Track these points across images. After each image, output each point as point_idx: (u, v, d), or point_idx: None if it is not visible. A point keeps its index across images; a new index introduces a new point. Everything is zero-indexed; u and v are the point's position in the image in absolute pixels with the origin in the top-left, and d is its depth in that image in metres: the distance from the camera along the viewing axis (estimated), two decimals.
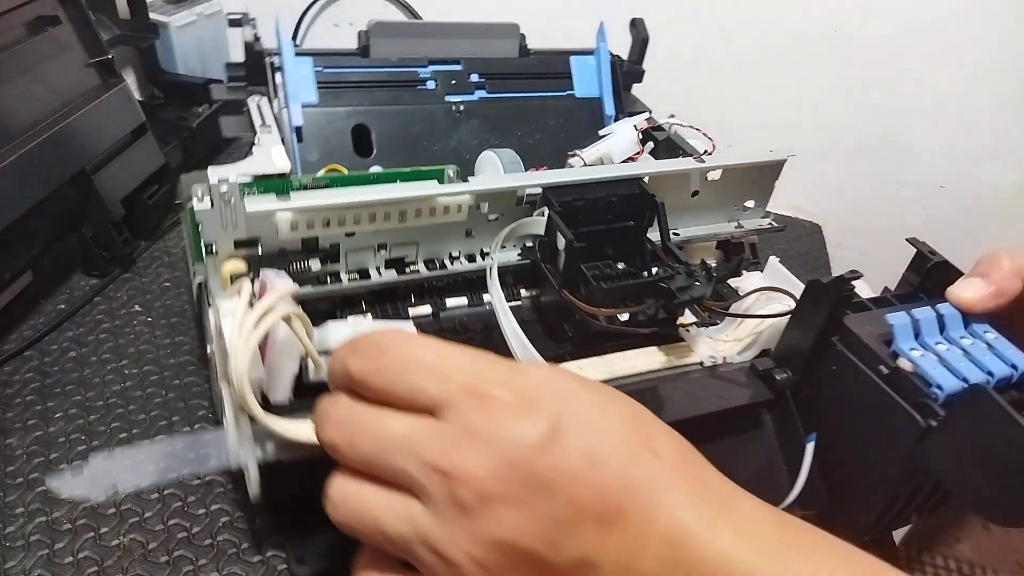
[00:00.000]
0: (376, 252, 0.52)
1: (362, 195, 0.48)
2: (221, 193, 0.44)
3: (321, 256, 0.50)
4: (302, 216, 0.46)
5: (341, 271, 0.52)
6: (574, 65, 0.71)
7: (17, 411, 0.58)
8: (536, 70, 0.69)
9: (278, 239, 0.48)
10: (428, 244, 0.53)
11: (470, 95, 0.65)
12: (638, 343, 0.53)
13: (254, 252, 0.48)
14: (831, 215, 0.94)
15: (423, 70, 0.65)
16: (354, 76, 0.64)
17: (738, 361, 0.53)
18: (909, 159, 0.91)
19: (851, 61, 0.87)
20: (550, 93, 0.70)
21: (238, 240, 0.47)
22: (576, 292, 0.51)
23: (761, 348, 0.53)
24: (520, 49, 0.68)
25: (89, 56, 0.72)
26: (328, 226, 0.48)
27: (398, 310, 0.53)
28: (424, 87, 0.64)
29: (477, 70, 0.66)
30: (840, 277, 0.44)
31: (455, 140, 0.65)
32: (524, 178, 0.54)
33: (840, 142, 0.93)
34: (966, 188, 0.89)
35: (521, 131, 0.67)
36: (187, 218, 0.48)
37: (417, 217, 0.50)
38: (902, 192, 0.90)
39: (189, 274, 0.58)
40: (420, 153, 0.63)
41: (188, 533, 0.50)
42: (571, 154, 0.65)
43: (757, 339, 0.53)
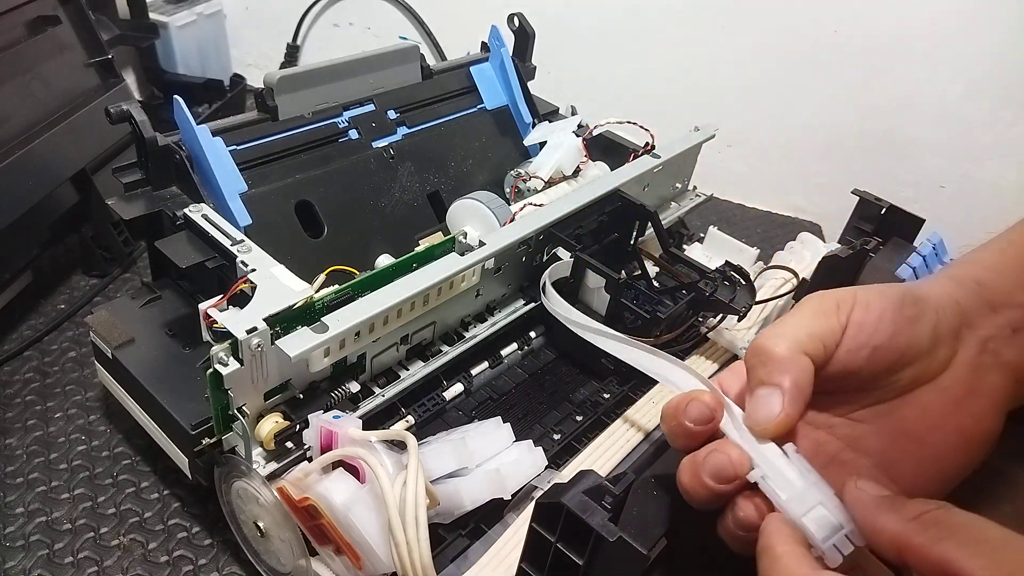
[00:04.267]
0: (399, 347, 0.49)
1: (395, 295, 0.43)
2: (252, 347, 0.38)
3: (353, 373, 0.46)
4: (336, 339, 0.41)
5: (367, 381, 0.48)
6: (476, 76, 0.70)
7: (17, 411, 0.58)
8: (444, 91, 0.67)
9: (310, 373, 0.44)
10: (443, 319, 0.51)
11: (394, 135, 0.62)
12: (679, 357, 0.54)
13: (287, 397, 0.43)
14: (831, 215, 0.94)
15: (340, 120, 0.59)
16: (274, 146, 0.55)
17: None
18: (909, 159, 0.91)
19: (851, 61, 0.87)
20: (463, 112, 0.67)
21: (268, 391, 0.42)
22: (617, 325, 0.50)
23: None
24: (423, 71, 0.65)
25: (89, 56, 0.72)
26: (358, 337, 0.43)
27: (436, 401, 0.49)
28: (347, 138, 0.59)
29: (391, 106, 0.62)
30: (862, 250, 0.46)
31: (398, 189, 0.61)
32: (530, 222, 0.51)
33: (840, 142, 0.93)
34: (966, 188, 0.89)
35: (453, 160, 0.65)
36: (208, 385, 0.40)
37: (439, 296, 0.47)
38: (902, 192, 0.90)
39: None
40: (370, 214, 0.59)
41: (188, 533, 0.50)
42: (524, 176, 0.64)
43: (767, 319, 0.55)
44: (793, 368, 0.30)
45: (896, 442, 0.32)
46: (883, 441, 0.32)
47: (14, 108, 0.63)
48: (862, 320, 0.31)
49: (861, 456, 0.33)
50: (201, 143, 0.51)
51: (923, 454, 0.31)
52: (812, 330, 0.30)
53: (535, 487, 0.44)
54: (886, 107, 0.90)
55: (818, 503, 0.29)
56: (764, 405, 0.30)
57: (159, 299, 0.53)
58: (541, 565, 0.33)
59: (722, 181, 0.81)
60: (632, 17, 0.94)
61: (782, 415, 0.30)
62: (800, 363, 0.30)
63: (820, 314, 0.31)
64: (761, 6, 0.89)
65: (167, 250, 0.47)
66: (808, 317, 0.31)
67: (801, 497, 0.29)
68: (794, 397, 0.30)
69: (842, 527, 0.28)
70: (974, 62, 0.84)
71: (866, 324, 0.31)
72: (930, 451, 0.31)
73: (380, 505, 0.37)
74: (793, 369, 0.30)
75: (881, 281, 0.51)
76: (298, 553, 0.41)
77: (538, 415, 0.51)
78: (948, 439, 0.31)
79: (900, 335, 0.31)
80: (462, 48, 0.73)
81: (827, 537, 0.28)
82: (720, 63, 0.94)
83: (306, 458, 0.42)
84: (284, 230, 0.54)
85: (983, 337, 0.32)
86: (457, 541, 0.42)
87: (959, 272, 0.34)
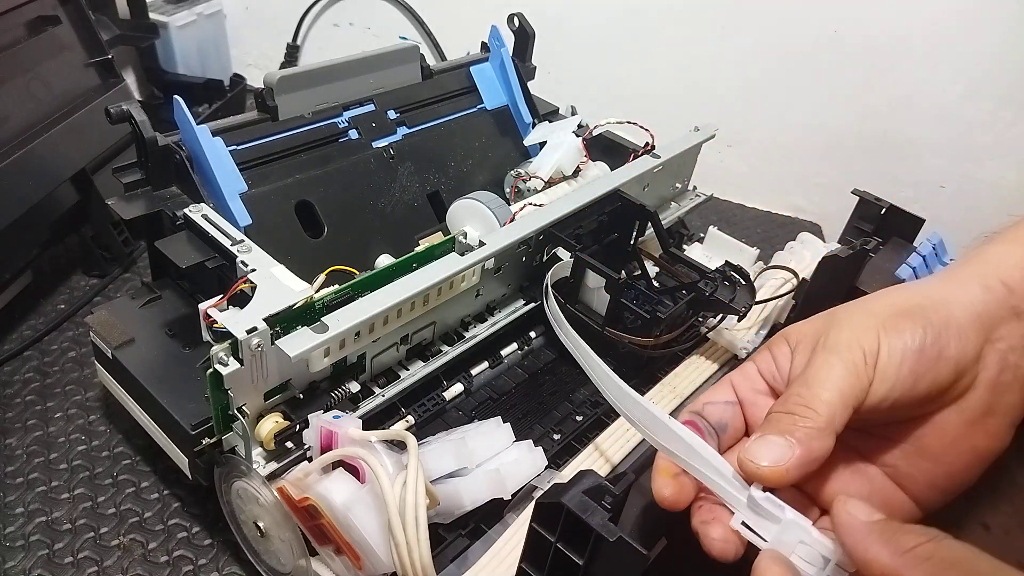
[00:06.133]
0: (399, 347, 0.49)
1: (395, 295, 0.43)
2: (252, 347, 0.38)
3: (352, 373, 0.46)
4: (336, 339, 0.41)
5: (367, 380, 0.48)
6: (476, 76, 0.69)
7: (17, 411, 0.58)
8: (444, 91, 0.66)
9: (310, 373, 0.44)
10: (443, 319, 0.51)
11: (394, 135, 0.62)
12: (678, 358, 0.54)
13: (287, 397, 0.43)
14: (831, 215, 0.94)
15: (340, 120, 0.59)
16: (274, 146, 0.55)
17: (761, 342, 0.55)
18: (909, 159, 0.91)
19: (851, 61, 0.87)
20: (463, 112, 0.67)
21: (268, 391, 0.42)
22: (617, 325, 0.50)
23: (771, 326, 0.55)
24: (423, 71, 0.65)
25: (89, 56, 0.72)
26: (358, 337, 0.43)
27: (436, 401, 0.49)
28: (347, 138, 0.59)
29: (391, 106, 0.62)
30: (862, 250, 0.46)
31: (398, 189, 0.61)
32: (530, 222, 0.51)
33: (840, 142, 0.93)
34: (966, 188, 0.89)
35: (453, 160, 0.65)
36: (208, 385, 0.40)
37: (439, 296, 0.47)
38: (902, 192, 0.90)
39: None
40: (370, 214, 0.58)
41: (188, 533, 0.50)
42: (524, 176, 0.64)
43: (767, 319, 0.55)
44: (819, 441, 0.29)
45: (910, 459, 0.32)
46: (896, 457, 0.33)
47: (14, 108, 0.63)
48: (885, 370, 0.31)
49: (873, 466, 0.33)
50: (201, 143, 0.51)
51: (937, 471, 0.32)
52: (846, 400, 0.30)
53: (535, 487, 0.44)
54: (886, 107, 0.90)
55: (799, 541, 0.28)
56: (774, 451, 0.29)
57: (159, 299, 0.53)
58: (541, 565, 0.33)
59: (722, 181, 0.81)
60: (632, 17, 0.94)
61: (783, 471, 0.29)
62: (826, 442, 0.29)
63: (852, 372, 0.30)
64: (761, 6, 0.89)
65: (167, 250, 0.47)
66: (841, 376, 0.30)
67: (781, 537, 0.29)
68: (805, 465, 0.29)
69: (829, 559, 0.28)
70: (974, 62, 0.84)
71: (889, 375, 0.30)
72: (944, 468, 0.32)
73: (380, 505, 0.37)
74: (818, 442, 0.29)
75: (881, 281, 0.51)
76: (298, 553, 0.41)
77: (538, 415, 0.51)
78: (962, 458, 0.32)
79: (922, 381, 0.31)
80: (462, 48, 0.73)
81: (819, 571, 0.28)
82: (720, 63, 0.94)
83: (306, 458, 0.42)
84: (284, 230, 0.54)
85: (1003, 351, 0.32)
86: (457, 541, 0.42)
87: (987, 273, 0.33)
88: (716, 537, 0.30)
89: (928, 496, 0.32)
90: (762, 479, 0.29)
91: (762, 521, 0.29)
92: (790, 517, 0.29)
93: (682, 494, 0.32)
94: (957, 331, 0.31)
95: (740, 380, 0.35)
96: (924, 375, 0.30)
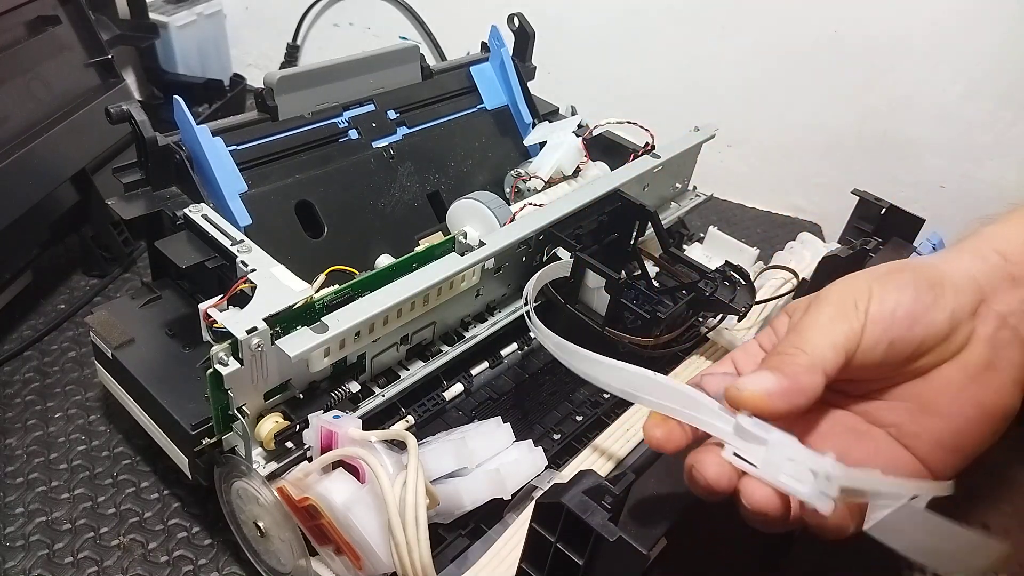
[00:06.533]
0: (399, 347, 0.49)
1: (395, 295, 0.43)
2: (252, 347, 0.38)
3: (352, 373, 0.46)
4: (336, 339, 0.41)
5: (367, 380, 0.48)
6: (476, 77, 0.69)
7: (17, 411, 0.58)
8: (444, 91, 0.66)
9: (310, 373, 0.43)
10: (443, 319, 0.51)
11: (394, 135, 0.62)
12: (678, 357, 0.54)
13: (287, 397, 0.43)
14: (831, 215, 0.94)
15: (340, 120, 0.59)
16: (274, 146, 0.55)
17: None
18: (909, 159, 0.91)
19: (851, 61, 0.87)
20: (463, 112, 0.67)
21: (268, 391, 0.42)
22: (617, 325, 0.50)
23: None
24: (423, 71, 0.65)
25: (89, 56, 0.72)
26: (358, 337, 0.43)
27: (436, 401, 0.49)
28: (347, 138, 0.59)
29: (391, 106, 0.62)
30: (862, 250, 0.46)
31: (398, 189, 0.61)
32: (530, 222, 0.51)
33: (840, 142, 0.93)
34: (966, 188, 0.89)
35: (453, 160, 0.65)
36: (208, 385, 0.40)
37: (439, 296, 0.47)
38: (902, 192, 0.90)
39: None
40: (370, 214, 0.58)
41: (188, 533, 0.50)
42: (524, 176, 0.64)
43: (767, 319, 0.55)
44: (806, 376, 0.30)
45: (914, 417, 0.32)
46: (900, 416, 0.32)
47: (14, 108, 0.63)
48: (877, 315, 0.31)
49: (876, 427, 0.33)
50: (201, 143, 0.51)
51: (942, 427, 0.31)
52: (836, 340, 0.30)
53: (535, 487, 0.44)
54: (886, 107, 0.90)
55: (787, 459, 0.28)
56: (760, 380, 0.30)
57: (159, 299, 0.53)
58: (541, 565, 0.33)
59: (722, 181, 0.81)
60: (632, 17, 0.94)
61: (765, 395, 0.29)
62: (814, 378, 0.30)
63: (841, 317, 0.31)
64: (761, 6, 0.89)
65: (167, 250, 0.47)
66: (830, 321, 0.31)
67: (769, 459, 0.28)
68: (790, 395, 0.29)
69: (818, 472, 0.27)
70: (974, 62, 0.84)
71: (881, 319, 0.31)
72: (949, 424, 0.31)
73: (380, 505, 0.37)
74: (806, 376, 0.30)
75: None
76: (298, 553, 0.41)
77: (538, 415, 0.51)
78: (967, 412, 0.31)
79: (917, 326, 0.30)
80: (462, 48, 0.73)
81: (810, 488, 0.27)
82: (720, 63, 0.94)
83: (306, 458, 0.42)
84: (284, 230, 0.54)
85: (1002, 312, 0.32)
86: (457, 541, 0.42)
87: (980, 245, 0.34)
88: (710, 463, 0.30)
89: (936, 456, 0.32)
90: (745, 403, 0.29)
91: (751, 447, 0.29)
92: (776, 437, 0.29)
93: (672, 435, 0.32)
94: (952, 287, 0.31)
95: (741, 355, 0.36)
96: (919, 319, 0.30)
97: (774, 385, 0.29)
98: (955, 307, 0.31)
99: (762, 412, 0.29)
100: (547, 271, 0.51)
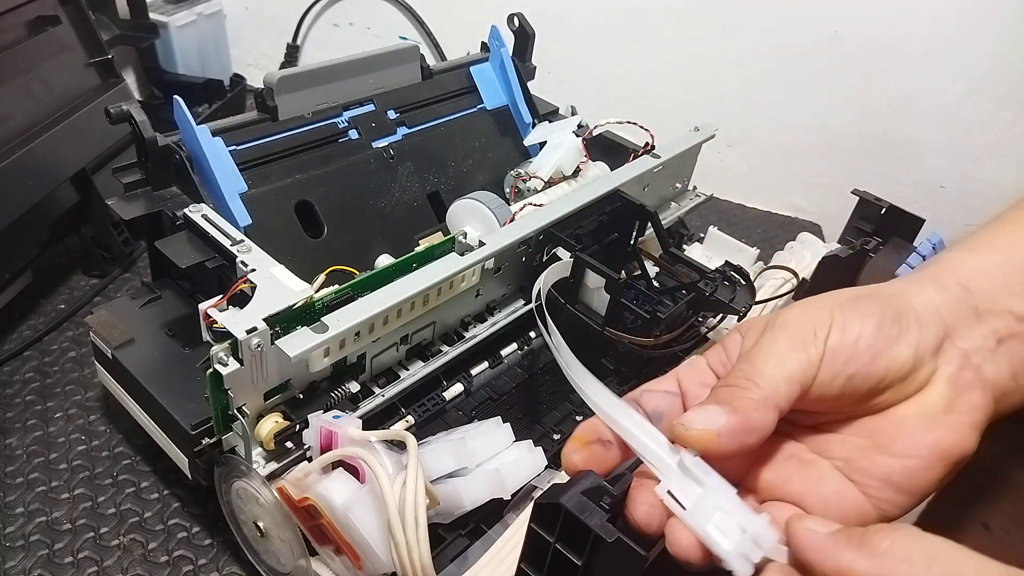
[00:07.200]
0: (399, 347, 0.49)
1: (395, 295, 0.43)
2: (252, 347, 0.38)
3: (352, 373, 0.46)
4: (336, 339, 0.41)
5: (367, 380, 0.48)
6: (476, 77, 0.70)
7: (17, 411, 0.58)
8: (444, 91, 0.66)
9: (310, 373, 0.43)
10: (443, 319, 0.51)
11: (394, 135, 0.62)
12: (678, 357, 0.54)
13: (287, 397, 0.43)
14: (831, 215, 0.94)
15: (340, 120, 0.59)
16: (274, 146, 0.55)
17: None
18: (909, 159, 0.91)
19: (851, 61, 0.87)
20: (463, 112, 0.67)
21: (268, 391, 0.42)
22: (617, 325, 0.50)
23: None
24: (423, 71, 0.65)
25: (89, 56, 0.72)
26: (358, 337, 0.43)
27: (436, 401, 0.49)
28: (347, 138, 0.59)
29: (391, 106, 0.62)
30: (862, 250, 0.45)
31: (397, 189, 0.61)
32: (530, 222, 0.51)
33: (840, 142, 0.93)
34: (966, 188, 0.89)
35: (453, 160, 0.65)
36: (208, 385, 0.40)
37: (439, 296, 0.47)
38: (902, 192, 0.90)
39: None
40: (370, 214, 0.58)
41: (188, 533, 0.50)
42: (524, 176, 0.64)
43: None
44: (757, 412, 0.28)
45: (865, 453, 0.30)
46: (850, 451, 0.30)
47: (14, 108, 0.63)
48: (837, 346, 0.29)
49: (822, 460, 0.31)
50: (201, 143, 0.51)
51: (894, 466, 0.30)
52: (791, 372, 0.28)
53: (535, 487, 0.44)
54: (886, 107, 0.90)
55: (718, 508, 0.26)
56: (708, 416, 0.28)
57: (159, 299, 0.53)
58: (540, 565, 0.33)
59: (722, 181, 0.81)
60: (632, 17, 0.94)
61: (714, 434, 0.27)
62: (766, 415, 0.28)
63: (799, 346, 0.29)
64: (761, 6, 0.89)
65: (167, 250, 0.47)
66: (786, 350, 0.29)
67: (701, 504, 0.27)
68: (740, 434, 0.27)
69: (746, 530, 0.26)
70: (974, 62, 0.84)
71: (841, 351, 0.29)
72: (902, 464, 0.30)
73: (380, 505, 0.37)
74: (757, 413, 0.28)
75: (881, 281, 0.51)
76: (298, 553, 0.41)
77: (538, 415, 0.51)
78: (922, 454, 0.29)
79: (878, 360, 0.29)
80: (462, 48, 0.73)
81: (735, 544, 0.26)
82: (720, 63, 0.94)
83: (306, 458, 0.42)
84: (284, 230, 0.54)
85: (965, 350, 0.30)
86: (457, 541, 0.42)
87: (943, 275, 0.32)
88: (641, 501, 0.28)
89: (884, 495, 0.30)
90: (692, 443, 0.27)
91: (687, 487, 0.27)
92: (714, 483, 0.27)
93: (589, 463, 0.30)
94: (916, 319, 0.30)
95: (687, 373, 0.34)
96: (881, 354, 0.29)
97: (724, 424, 0.27)
98: (920, 343, 0.29)
99: (709, 453, 0.27)
100: (554, 270, 0.51)
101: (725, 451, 0.27)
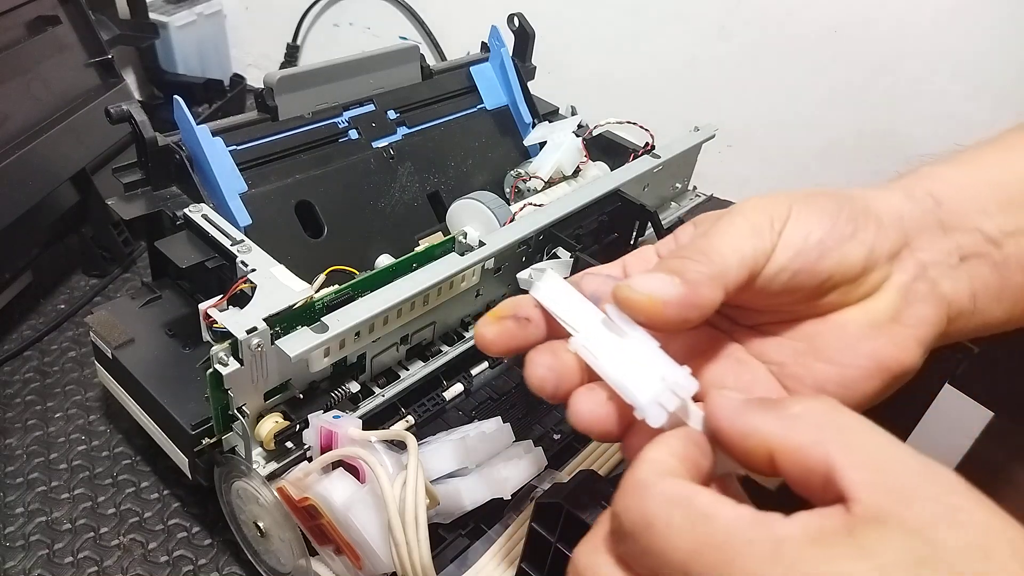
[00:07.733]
0: (399, 347, 0.49)
1: (395, 295, 0.43)
2: (252, 347, 0.38)
3: (352, 373, 0.46)
4: (336, 339, 0.41)
5: (367, 380, 0.48)
6: (476, 77, 0.70)
7: (17, 411, 0.58)
8: (444, 91, 0.66)
9: (310, 373, 0.43)
10: (443, 319, 0.51)
11: (394, 135, 0.62)
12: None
13: (287, 397, 0.43)
14: None
15: (340, 120, 0.59)
16: (274, 146, 0.55)
17: None
18: (909, 159, 0.91)
19: (851, 61, 0.87)
20: (464, 112, 0.67)
21: (268, 391, 0.42)
22: None
23: None
24: (423, 71, 0.65)
25: (89, 56, 0.72)
26: (358, 337, 0.43)
27: (436, 401, 0.49)
28: (347, 138, 0.59)
29: (391, 106, 0.62)
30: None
31: (398, 189, 0.60)
32: (530, 222, 0.51)
33: (840, 142, 0.93)
34: None
35: (453, 160, 0.65)
36: (208, 385, 0.40)
37: (439, 296, 0.47)
38: None
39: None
40: (370, 214, 0.58)
41: (188, 533, 0.50)
42: (524, 176, 0.64)
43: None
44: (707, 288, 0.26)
45: (801, 358, 0.28)
46: (786, 355, 0.29)
47: (14, 108, 0.63)
48: (790, 239, 0.27)
49: (757, 360, 0.29)
50: (201, 143, 0.51)
51: (829, 374, 0.28)
52: (744, 255, 0.26)
53: (535, 487, 0.44)
54: (886, 107, 0.90)
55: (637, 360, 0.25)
56: (655, 283, 0.25)
57: (159, 299, 0.53)
58: (541, 565, 0.33)
59: (722, 181, 0.81)
60: (632, 17, 0.94)
61: (660, 303, 0.25)
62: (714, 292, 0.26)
63: (754, 233, 0.27)
64: (761, 6, 0.89)
65: (167, 250, 0.47)
66: (743, 234, 0.27)
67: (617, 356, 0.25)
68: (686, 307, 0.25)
69: (664, 378, 0.24)
70: (974, 62, 0.84)
71: (792, 244, 0.27)
72: (837, 373, 0.28)
73: (380, 505, 0.37)
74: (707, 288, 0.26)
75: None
76: (298, 553, 0.41)
77: (538, 415, 0.51)
78: (860, 363, 0.28)
79: (827, 257, 0.27)
80: (462, 48, 0.73)
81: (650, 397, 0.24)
82: (720, 63, 0.94)
83: (306, 458, 0.42)
84: (284, 230, 0.54)
85: (924, 261, 0.29)
86: (457, 541, 0.42)
87: (915, 184, 0.30)
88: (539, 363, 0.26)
89: None
90: (633, 307, 0.25)
91: (602, 342, 0.26)
92: (637, 335, 0.25)
93: (501, 337, 0.28)
94: (876, 221, 0.28)
95: (633, 259, 0.31)
96: (832, 251, 0.27)
97: (671, 293, 0.25)
98: (875, 244, 0.27)
99: (650, 321, 0.25)
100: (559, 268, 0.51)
101: (667, 321, 0.25)
